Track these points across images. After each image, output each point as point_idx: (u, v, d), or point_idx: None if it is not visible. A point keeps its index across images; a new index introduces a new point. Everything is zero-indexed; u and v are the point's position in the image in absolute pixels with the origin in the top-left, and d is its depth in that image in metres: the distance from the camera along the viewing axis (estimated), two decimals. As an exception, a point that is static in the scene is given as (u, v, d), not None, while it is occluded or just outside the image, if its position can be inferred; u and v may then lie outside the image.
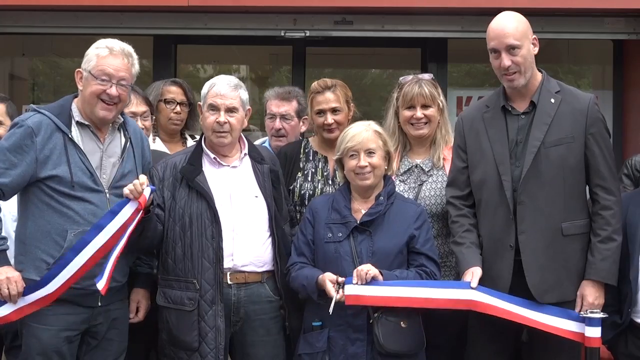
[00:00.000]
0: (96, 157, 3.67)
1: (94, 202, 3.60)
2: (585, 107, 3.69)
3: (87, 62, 3.67)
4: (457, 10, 6.56)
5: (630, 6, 6.55)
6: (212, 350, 3.69)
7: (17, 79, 8.76)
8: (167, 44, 7.14)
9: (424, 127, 4.13)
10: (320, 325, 3.74)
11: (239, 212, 3.83)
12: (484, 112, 3.84)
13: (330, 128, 4.29)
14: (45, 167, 3.55)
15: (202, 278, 3.72)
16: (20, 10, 6.69)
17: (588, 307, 3.60)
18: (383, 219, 3.76)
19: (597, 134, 3.68)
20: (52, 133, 3.59)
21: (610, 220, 3.65)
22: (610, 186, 3.69)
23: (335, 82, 4.36)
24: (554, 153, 3.65)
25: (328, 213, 3.83)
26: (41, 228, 3.57)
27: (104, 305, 3.67)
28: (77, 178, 3.57)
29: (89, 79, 3.64)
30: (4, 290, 3.47)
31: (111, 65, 3.64)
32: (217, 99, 3.82)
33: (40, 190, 3.58)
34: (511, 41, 3.64)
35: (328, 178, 4.28)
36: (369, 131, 3.81)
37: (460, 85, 7.88)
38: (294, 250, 3.87)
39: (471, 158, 3.84)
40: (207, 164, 3.90)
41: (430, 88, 4.13)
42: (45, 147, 3.56)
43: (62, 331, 3.59)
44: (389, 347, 3.61)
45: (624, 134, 7.22)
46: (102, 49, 3.67)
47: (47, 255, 3.56)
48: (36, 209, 3.59)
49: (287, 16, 6.76)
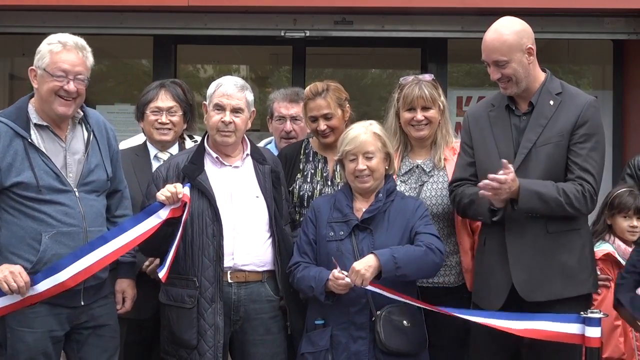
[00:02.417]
0: (60, 157, 3.59)
1: (65, 203, 3.54)
2: (579, 109, 3.65)
3: (40, 60, 3.56)
4: (457, 10, 6.57)
5: (630, 6, 6.56)
6: (210, 348, 3.70)
7: (17, 79, 8.75)
8: (167, 44, 7.15)
9: (424, 129, 4.13)
10: (323, 324, 3.74)
11: (240, 211, 3.84)
12: (489, 110, 3.85)
13: (324, 134, 4.27)
14: (9, 175, 3.49)
15: (202, 276, 3.73)
16: (20, 10, 6.70)
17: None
18: (384, 216, 3.77)
19: (584, 135, 3.63)
20: (12, 139, 3.51)
21: (569, 193, 3.57)
22: (585, 176, 3.60)
23: (327, 85, 4.30)
24: (542, 152, 3.65)
25: (330, 212, 3.83)
26: (15, 234, 3.51)
27: (86, 303, 3.62)
28: (43, 182, 3.51)
29: (45, 76, 3.55)
30: (11, 285, 3.40)
31: (66, 61, 3.55)
32: (224, 99, 3.83)
33: (8, 198, 3.52)
34: (497, 57, 3.63)
35: (327, 179, 4.28)
36: (368, 134, 3.80)
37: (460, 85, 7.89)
38: (296, 250, 3.87)
39: (477, 154, 3.86)
40: (209, 163, 3.90)
41: (430, 89, 4.12)
42: (6, 155, 3.49)
43: (47, 332, 3.55)
44: (391, 345, 3.61)
45: (624, 134, 7.24)
46: (54, 44, 3.56)
47: (23, 260, 3.50)
48: (8, 216, 3.53)
49: (287, 16, 6.77)
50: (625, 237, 4.39)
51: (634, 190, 4.48)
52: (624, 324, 4.22)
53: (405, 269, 3.57)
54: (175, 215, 3.66)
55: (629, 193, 4.43)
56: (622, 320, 4.17)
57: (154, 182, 3.86)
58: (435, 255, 3.64)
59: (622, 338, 4.23)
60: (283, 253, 3.86)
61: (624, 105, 7.27)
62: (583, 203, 3.60)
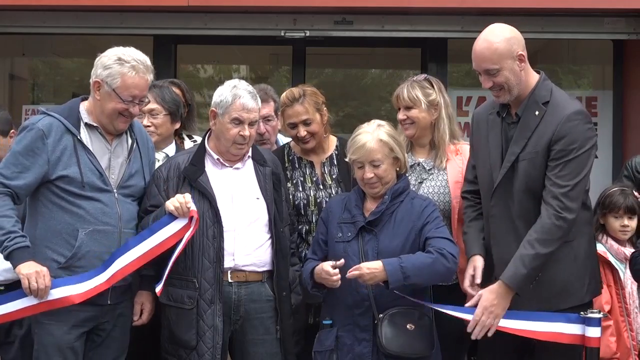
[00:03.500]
0: (105, 158, 3.71)
1: (104, 201, 3.65)
2: (556, 124, 3.55)
3: (109, 77, 3.63)
4: (457, 10, 6.57)
5: (630, 6, 6.56)
6: (209, 349, 3.71)
7: (17, 79, 8.76)
8: (167, 44, 7.15)
9: (409, 128, 4.13)
10: (330, 324, 3.76)
11: (241, 213, 3.84)
12: (489, 113, 3.83)
13: (304, 140, 4.23)
14: (56, 169, 3.60)
15: (201, 277, 3.73)
16: (20, 10, 6.70)
17: (480, 310, 3.52)
18: (391, 217, 3.74)
19: (561, 151, 3.53)
20: (62, 135, 3.62)
21: (538, 228, 3.52)
22: (555, 193, 3.50)
23: (304, 90, 4.26)
24: (521, 167, 3.61)
25: (341, 212, 3.83)
26: (51, 228, 3.60)
27: (112, 303, 3.70)
28: (87, 178, 3.62)
29: (112, 96, 3.64)
30: (32, 284, 3.47)
31: (138, 87, 3.65)
32: (244, 114, 3.79)
33: (49, 191, 3.62)
34: (488, 66, 3.59)
35: (318, 183, 4.26)
36: (373, 141, 3.73)
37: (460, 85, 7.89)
38: (310, 249, 3.93)
39: (475, 158, 3.88)
40: (210, 164, 3.90)
41: (413, 91, 4.10)
42: (56, 149, 3.60)
43: (74, 328, 3.62)
44: (391, 349, 3.60)
45: (624, 134, 7.23)
46: (127, 66, 3.62)
47: (57, 254, 3.59)
48: (46, 210, 3.62)
49: (287, 16, 6.77)
50: (618, 237, 4.36)
51: (626, 190, 4.43)
52: (616, 324, 4.22)
53: (414, 278, 3.53)
54: (182, 235, 3.66)
55: (620, 192, 4.39)
56: (614, 320, 4.18)
57: (154, 183, 3.86)
58: (447, 260, 3.57)
59: (613, 338, 4.21)
60: (279, 255, 3.86)
61: (624, 105, 7.26)
62: (557, 231, 3.50)
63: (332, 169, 4.29)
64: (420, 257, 3.59)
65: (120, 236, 3.67)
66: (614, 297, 4.25)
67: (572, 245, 3.64)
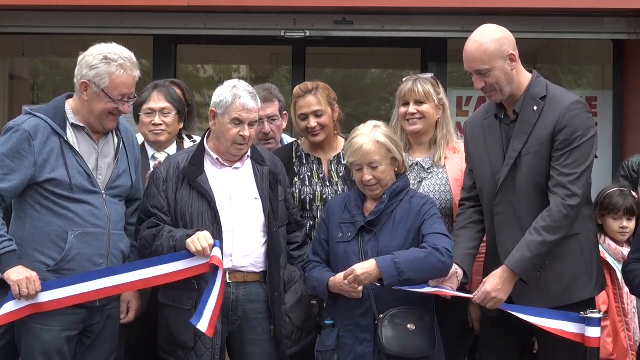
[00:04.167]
0: (92, 159, 3.66)
1: (92, 204, 3.60)
2: (557, 114, 3.57)
3: (97, 78, 3.56)
4: (457, 10, 6.57)
5: (630, 6, 6.56)
6: (208, 350, 3.71)
7: (17, 79, 8.77)
8: (167, 44, 7.16)
9: (417, 123, 4.12)
10: (331, 324, 3.76)
11: (239, 213, 3.83)
12: (483, 118, 3.83)
13: (314, 132, 4.25)
14: (43, 171, 3.53)
15: (200, 278, 3.71)
16: (20, 10, 6.70)
17: (483, 294, 3.55)
18: (390, 217, 3.74)
19: (564, 141, 3.55)
20: (49, 136, 3.56)
21: (546, 216, 3.54)
22: (563, 183, 3.53)
23: (317, 84, 4.30)
24: (525, 162, 3.61)
25: (341, 213, 3.83)
26: (40, 230, 3.55)
27: (101, 305, 3.67)
28: (75, 180, 3.56)
29: (101, 96, 3.58)
30: (23, 290, 3.43)
31: (127, 85, 3.60)
32: (244, 114, 3.78)
33: (37, 194, 3.56)
34: (479, 66, 3.60)
35: (325, 180, 4.27)
36: (370, 143, 3.72)
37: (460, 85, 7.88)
38: (311, 249, 3.92)
39: (471, 165, 3.88)
40: (209, 164, 3.90)
41: (426, 86, 4.12)
42: (43, 151, 3.53)
43: (63, 331, 3.58)
44: (392, 349, 3.60)
45: (624, 134, 7.24)
46: (114, 65, 3.56)
47: (47, 257, 3.54)
48: (34, 212, 3.57)
49: (287, 16, 6.77)
50: (616, 238, 4.32)
51: (625, 190, 4.39)
52: (613, 324, 4.21)
53: (409, 273, 3.51)
54: (196, 273, 3.65)
55: (619, 193, 4.34)
56: (611, 320, 4.17)
57: (154, 183, 3.85)
58: (441, 254, 3.55)
59: (609, 338, 4.19)
60: (271, 256, 3.85)
61: (624, 105, 7.26)
62: (564, 219, 3.52)
63: (339, 167, 4.29)
64: (414, 252, 3.59)
65: (109, 238, 3.63)
66: (611, 298, 4.23)
67: (579, 239, 3.66)
